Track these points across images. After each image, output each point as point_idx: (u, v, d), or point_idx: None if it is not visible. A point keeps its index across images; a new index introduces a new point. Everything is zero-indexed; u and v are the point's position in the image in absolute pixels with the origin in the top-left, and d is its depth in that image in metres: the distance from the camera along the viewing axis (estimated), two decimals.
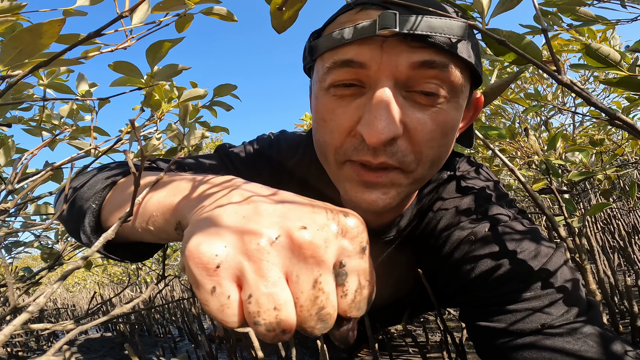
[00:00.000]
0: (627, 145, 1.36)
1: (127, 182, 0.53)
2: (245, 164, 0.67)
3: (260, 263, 0.26)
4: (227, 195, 0.33)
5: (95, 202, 0.51)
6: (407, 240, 0.64)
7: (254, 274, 0.26)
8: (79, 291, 7.52)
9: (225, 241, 0.27)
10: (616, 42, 0.91)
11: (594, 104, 0.40)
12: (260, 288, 0.26)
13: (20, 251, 1.32)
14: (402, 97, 0.45)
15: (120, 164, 0.62)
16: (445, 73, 0.44)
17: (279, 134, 0.72)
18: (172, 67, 0.78)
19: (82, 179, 0.58)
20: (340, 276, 0.28)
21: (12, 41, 0.43)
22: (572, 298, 0.50)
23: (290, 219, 0.28)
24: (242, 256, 0.26)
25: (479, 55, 0.50)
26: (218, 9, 0.63)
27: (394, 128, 0.43)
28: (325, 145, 0.49)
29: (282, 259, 0.27)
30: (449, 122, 0.47)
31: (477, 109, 0.57)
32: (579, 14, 0.60)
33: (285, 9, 0.48)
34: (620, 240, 1.33)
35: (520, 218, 0.59)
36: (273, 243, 0.27)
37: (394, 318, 0.80)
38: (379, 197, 0.48)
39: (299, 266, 0.27)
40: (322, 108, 0.48)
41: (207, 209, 0.32)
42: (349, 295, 0.28)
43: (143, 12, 0.57)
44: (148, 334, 1.59)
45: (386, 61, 0.43)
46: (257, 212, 0.29)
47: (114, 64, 0.72)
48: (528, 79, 1.96)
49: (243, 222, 0.28)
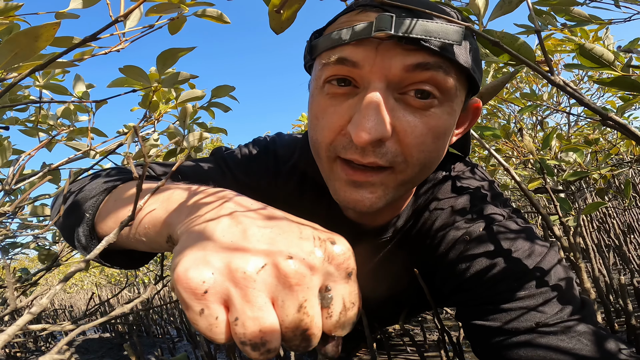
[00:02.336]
0: (622, 144, 1.37)
1: (123, 188, 0.52)
2: (241, 167, 0.67)
3: (246, 290, 0.27)
4: (217, 210, 0.33)
5: (89, 211, 0.51)
6: (403, 240, 0.64)
7: (240, 299, 0.27)
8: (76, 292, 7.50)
9: (213, 268, 0.28)
10: (610, 41, 0.92)
11: (587, 104, 0.40)
12: (247, 312, 0.27)
13: (18, 252, 1.32)
14: (393, 100, 0.45)
15: (118, 170, 0.62)
16: (439, 77, 0.44)
17: (275, 137, 0.72)
18: (178, 75, 0.79)
19: (79, 184, 0.58)
20: (325, 299, 0.29)
21: (8, 44, 0.43)
22: (566, 297, 0.51)
23: (278, 246, 0.29)
24: (229, 283, 0.27)
25: (478, 61, 0.50)
26: (210, 11, 0.63)
27: (382, 129, 0.44)
28: (317, 143, 0.50)
29: (268, 286, 0.28)
30: (441, 126, 0.47)
31: (475, 115, 0.57)
32: (572, 14, 0.61)
33: (283, 10, 0.48)
34: (615, 238, 1.33)
35: (514, 217, 0.60)
36: (259, 271, 0.28)
37: (392, 317, 0.80)
38: (365, 197, 0.48)
39: (284, 292, 0.28)
40: (316, 106, 0.49)
41: (196, 228, 0.32)
42: (334, 316, 0.30)
43: (136, 15, 0.58)
44: (146, 335, 1.59)
45: (379, 63, 0.44)
46: (245, 237, 0.30)
47: (124, 68, 0.73)
48: (524, 78, 1.96)
49: (231, 247, 0.29)
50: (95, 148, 0.89)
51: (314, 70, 0.51)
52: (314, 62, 0.51)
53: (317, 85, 0.49)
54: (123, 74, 0.74)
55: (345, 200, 0.49)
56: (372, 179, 0.47)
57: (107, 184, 0.54)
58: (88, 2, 0.58)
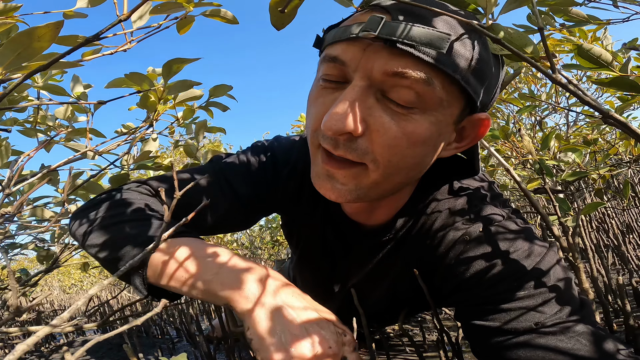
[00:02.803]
0: (621, 145, 1.37)
1: (173, 249, 0.55)
2: (240, 178, 0.68)
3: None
4: (277, 299, 0.50)
5: (140, 268, 0.55)
6: (402, 240, 0.64)
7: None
8: (75, 292, 7.50)
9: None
10: (609, 41, 0.92)
11: (588, 102, 0.40)
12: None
13: (17, 253, 1.32)
14: (374, 99, 0.46)
15: (145, 185, 0.68)
16: (418, 86, 0.44)
17: (273, 141, 0.73)
18: (184, 83, 0.80)
19: (108, 206, 0.62)
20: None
21: (10, 44, 0.43)
22: (565, 297, 0.51)
23: (322, 336, 0.47)
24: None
25: (482, 72, 0.47)
26: (224, 12, 0.63)
27: (347, 122, 0.45)
28: (307, 129, 0.53)
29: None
30: (419, 133, 0.46)
31: (482, 130, 0.53)
32: (570, 14, 0.61)
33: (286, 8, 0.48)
34: (614, 239, 1.34)
35: (514, 218, 0.60)
36: (317, 353, 0.46)
37: (391, 318, 0.80)
38: (335, 187, 0.51)
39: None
40: (310, 96, 0.53)
41: (262, 328, 0.47)
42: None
43: (145, 15, 0.58)
44: (146, 335, 1.59)
45: (363, 63, 0.45)
46: (303, 333, 0.46)
47: (129, 75, 0.74)
48: (522, 78, 1.97)
49: (286, 345, 0.46)
50: (94, 149, 0.89)
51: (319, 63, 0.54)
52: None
53: (317, 78, 0.52)
54: (128, 79, 0.75)
55: (317, 185, 0.53)
56: (344, 172, 0.49)
57: (152, 228, 0.58)
58: (94, 2, 0.58)
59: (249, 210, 0.69)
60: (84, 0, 0.58)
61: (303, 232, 0.75)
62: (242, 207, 0.68)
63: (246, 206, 0.68)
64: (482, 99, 0.49)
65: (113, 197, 0.64)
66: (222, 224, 0.69)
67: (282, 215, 0.81)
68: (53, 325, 0.27)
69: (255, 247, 3.91)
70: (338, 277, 0.76)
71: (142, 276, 0.55)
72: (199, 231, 0.68)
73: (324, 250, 0.74)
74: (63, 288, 8.00)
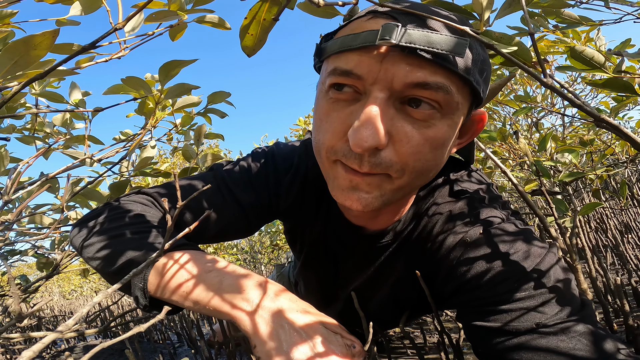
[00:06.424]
0: (617, 145, 1.38)
1: (173, 262, 0.55)
2: (242, 187, 0.67)
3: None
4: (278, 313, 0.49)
5: (140, 283, 0.55)
6: (403, 244, 0.65)
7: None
8: (75, 298, 7.47)
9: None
10: (602, 42, 0.93)
11: (580, 106, 0.41)
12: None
13: (17, 260, 1.32)
14: (394, 109, 0.46)
15: (146, 194, 0.68)
16: (440, 92, 0.45)
17: (274, 147, 0.73)
18: (181, 86, 0.80)
19: (109, 217, 0.62)
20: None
21: (7, 52, 0.43)
22: (565, 297, 0.51)
23: (333, 348, 0.47)
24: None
25: (483, 72, 0.49)
26: (210, 17, 0.63)
27: (377, 139, 0.45)
28: (319, 144, 0.52)
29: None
30: (439, 137, 0.48)
31: (479, 126, 0.57)
32: (563, 16, 0.61)
33: (251, 33, 0.48)
34: (613, 239, 1.34)
35: (513, 219, 0.60)
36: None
37: (392, 320, 0.81)
38: (361, 197, 0.50)
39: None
40: (320, 110, 0.51)
41: (270, 346, 0.47)
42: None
43: (137, 23, 0.58)
44: (147, 340, 1.58)
45: (382, 75, 0.44)
46: (314, 347, 0.46)
47: (126, 79, 0.74)
48: (518, 80, 1.97)
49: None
50: (92, 156, 0.89)
51: (321, 72, 0.53)
52: (322, 64, 0.53)
53: (323, 89, 0.51)
54: (125, 84, 0.75)
55: (342, 199, 0.51)
56: (368, 180, 0.49)
57: (144, 242, 0.58)
58: (87, 9, 0.58)
59: (251, 218, 0.69)
60: (77, 8, 0.59)
61: (306, 238, 0.75)
62: (245, 215, 0.68)
63: (249, 214, 0.68)
64: (483, 94, 0.51)
65: (114, 207, 0.64)
66: (225, 232, 0.69)
67: (285, 222, 0.80)
68: (59, 332, 0.27)
69: (255, 251, 3.91)
70: (341, 281, 0.76)
71: (142, 289, 0.55)
72: (202, 240, 0.68)
73: (327, 255, 0.74)
74: (63, 294, 7.98)
